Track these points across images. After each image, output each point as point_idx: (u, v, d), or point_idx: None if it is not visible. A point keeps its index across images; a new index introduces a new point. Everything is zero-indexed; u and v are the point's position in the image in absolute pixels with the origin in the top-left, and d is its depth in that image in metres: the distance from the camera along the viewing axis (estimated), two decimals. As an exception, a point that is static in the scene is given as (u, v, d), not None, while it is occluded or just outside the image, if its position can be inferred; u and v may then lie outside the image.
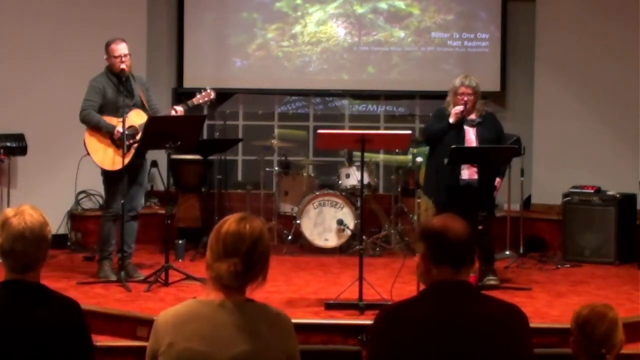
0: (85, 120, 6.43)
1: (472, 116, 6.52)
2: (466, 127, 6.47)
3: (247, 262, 2.66)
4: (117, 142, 6.40)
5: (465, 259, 2.76)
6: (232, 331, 2.63)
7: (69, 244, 7.90)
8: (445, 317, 2.68)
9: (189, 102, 6.62)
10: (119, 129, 6.32)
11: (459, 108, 6.38)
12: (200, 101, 6.67)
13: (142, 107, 6.54)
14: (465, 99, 6.40)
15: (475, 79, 6.54)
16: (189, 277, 6.29)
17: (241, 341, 2.62)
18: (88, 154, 6.47)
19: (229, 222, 2.70)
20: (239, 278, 2.65)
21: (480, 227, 6.03)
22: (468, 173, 6.43)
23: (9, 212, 2.85)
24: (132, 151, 6.38)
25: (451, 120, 6.39)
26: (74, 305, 2.87)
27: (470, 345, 2.64)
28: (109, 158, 6.41)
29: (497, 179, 6.59)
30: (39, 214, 2.85)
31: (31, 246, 2.80)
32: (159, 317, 2.72)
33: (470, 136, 6.48)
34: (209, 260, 2.70)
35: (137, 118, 6.42)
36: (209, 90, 6.70)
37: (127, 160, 6.34)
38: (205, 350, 2.61)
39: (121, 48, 6.46)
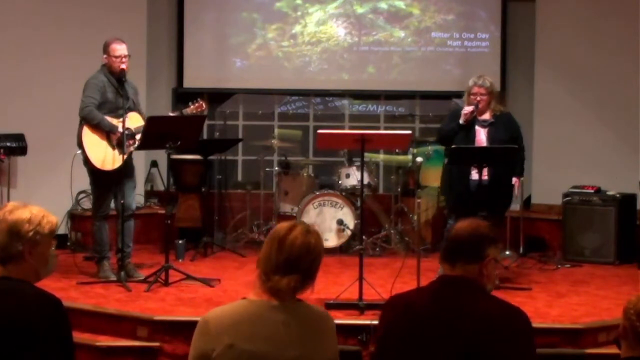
0: (87, 117, 6.39)
1: (486, 116, 6.49)
2: (477, 128, 6.46)
3: (306, 277, 2.68)
4: (114, 142, 6.41)
5: (458, 256, 2.81)
6: (286, 333, 2.64)
7: (68, 244, 7.90)
8: (440, 309, 2.72)
9: (183, 112, 6.64)
10: (121, 129, 6.33)
11: (469, 108, 6.37)
12: (194, 112, 6.67)
13: (135, 110, 6.54)
14: (478, 98, 6.40)
15: (489, 79, 6.54)
16: (189, 277, 6.30)
17: (296, 343, 2.64)
18: (83, 150, 6.43)
19: (295, 234, 2.69)
20: (296, 292, 2.69)
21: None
22: (479, 174, 6.38)
23: (12, 202, 2.96)
24: (128, 153, 6.38)
25: (461, 120, 6.38)
26: (56, 302, 2.88)
27: (461, 339, 2.66)
28: (104, 157, 6.40)
29: (514, 179, 6.57)
30: (30, 211, 2.90)
31: (1, 237, 2.86)
32: (210, 317, 2.69)
33: (481, 137, 6.46)
34: (267, 270, 2.67)
35: (132, 121, 6.41)
36: (200, 102, 6.72)
37: (121, 162, 6.36)
38: (263, 353, 2.61)
39: (122, 48, 6.45)
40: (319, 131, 6.14)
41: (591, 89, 8.42)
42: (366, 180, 7.49)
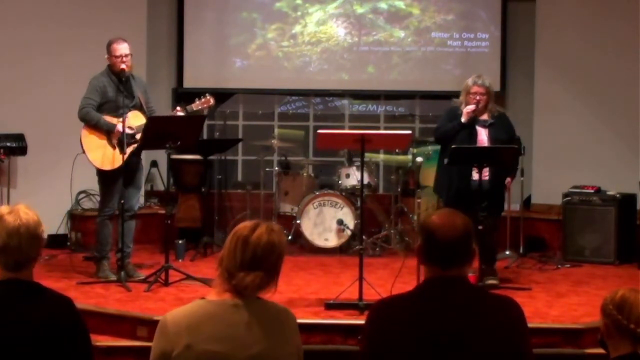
0: (85, 118, 6.43)
1: (485, 117, 6.48)
2: (478, 128, 6.44)
3: (270, 275, 2.69)
4: (114, 142, 6.41)
5: (455, 261, 2.69)
6: (248, 331, 2.64)
7: (68, 244, 7.90)
8: (437, 311, 2.67)
9: (188, 108, 6.65)
10: (119, 127, 6.33)
11: (471, 107, 6.35)
12: (200, 107, 6.69)
13: (141, 108, 6.55)
14: (478, 98, 6.38)
15: (488, 79, 6.52)
16: (189, 277, 6.29)
17: (258, 340, 2.64)
18: (84, 152, 6.45)
19: (260, 232, 2.70)
20: (260, 290, 2.69)
21: (480, 227, 6.02)
22: (479, 174, 6.38)
23: (3, 209, 2.86)
24: (128, 152, 6.38)
25: (463, 119, 6.37)
26: (68, 302, 2.87)
27: (464, 338, 2.63)
28: (104, 157, 6.41)
29: (507, 179, 6.61)
30: (34, 213, 2.87)
31: (25, 243, 2.81)
32: (168, 317, 2.68)
33: (482, 137, 6.44)
34: (230, 268, 2.68)
35: (134, 120, 6.43)
36: (208, 97, 6.71)
37: (122, 161, 6.35)
38: (225, 352, 2.61)
39: (122, 48, 6.46)
40: (319, 131, 6.14)
41: (591, 89, 8.42)
42: (366, 180, 7.49)
